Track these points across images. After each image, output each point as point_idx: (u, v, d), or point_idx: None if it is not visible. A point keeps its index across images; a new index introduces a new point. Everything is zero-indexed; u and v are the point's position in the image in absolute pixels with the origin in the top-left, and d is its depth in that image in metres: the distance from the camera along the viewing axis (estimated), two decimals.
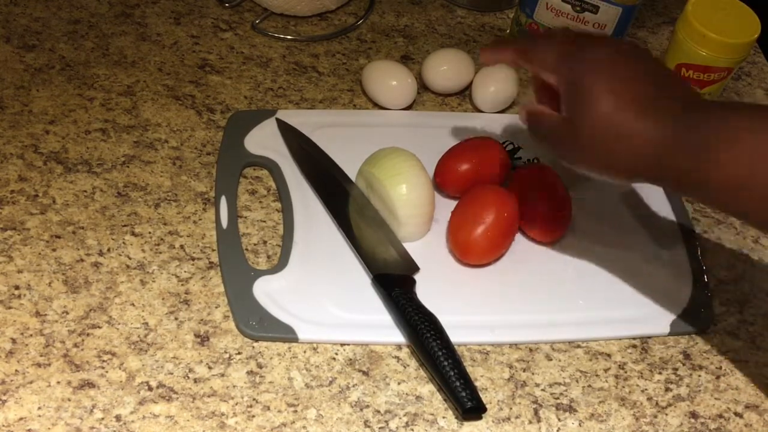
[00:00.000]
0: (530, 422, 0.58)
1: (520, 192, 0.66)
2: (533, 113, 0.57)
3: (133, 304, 0.60)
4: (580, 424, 0.58)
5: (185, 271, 0.63)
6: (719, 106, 0.50)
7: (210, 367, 0.58)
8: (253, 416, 0.56)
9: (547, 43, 0.56)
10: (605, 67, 0.52)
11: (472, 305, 0.63)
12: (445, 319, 0.60)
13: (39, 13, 0.80)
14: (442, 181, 0.69)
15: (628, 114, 0.50)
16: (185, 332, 0.59)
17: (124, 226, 0.65)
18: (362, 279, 0.63)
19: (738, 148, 0.47)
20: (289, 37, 0.82)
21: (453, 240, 0.66)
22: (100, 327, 0.59)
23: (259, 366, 0.58)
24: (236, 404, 0.56)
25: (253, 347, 0.59)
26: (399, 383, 0.59)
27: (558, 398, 0.59)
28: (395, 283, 0.62)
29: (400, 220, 0.64)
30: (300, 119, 0.74)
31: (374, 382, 0.58)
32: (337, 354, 0.60)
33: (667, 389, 0.61)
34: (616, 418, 0.59)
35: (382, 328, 0.61)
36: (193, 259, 0.63)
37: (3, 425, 0.53)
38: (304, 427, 0.55)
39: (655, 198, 0.72)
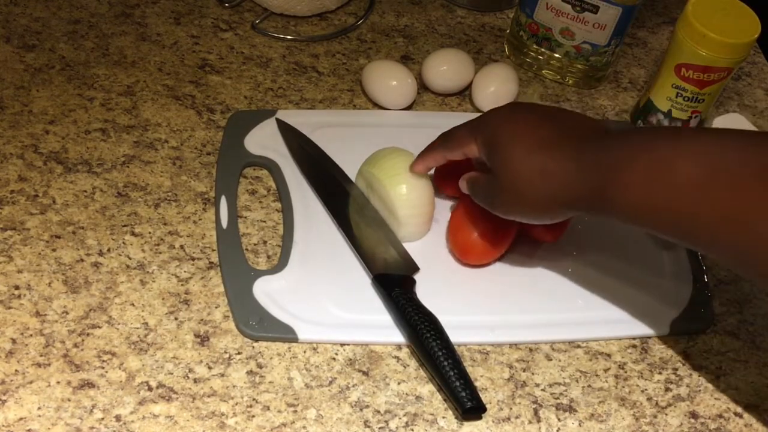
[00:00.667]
0: (530, 422, 0.58)
1: None
2: (470, 179, 0.62)
3: (133, 304, 0.60)
4: (580, 424, 0.58)
5: (185, 271, 0.63)
6: (619, 132, 0.54)
7: (210, 367, 0.58)
8: (253, 416, 0.56)
9: (456, 127, 0.62)
10: (511, 120, 0.58)
11: (472, 305, 0.63)
12: (445, 319, 0.60)
13: (39, 13, 0.80)
14: (442, 181, 0.69)
15: (536, 155, 0.54)
16: (185, 332, 0.59)
17: (124, 226, 0.65)
18: (362, 279, 0.63)
19: (635, 167, 0.50)
20: (289, 37, 0.82)
21: (453, 240, 0.66)
22: (100, 327, 0.59)
23: (259, 366, 0.58)
24: (236, 404, 0.56)
25: (253, 347, 0.59)
26: (399, 383, 0.59)
27: (558, 398, 0.59)
28: (395, 283, 0.62)
29: (400, 220, 0.64)
30: (300, 119, 0.74)
31: (374, 382, 0.58)
32: (337, 354, 0.60)
33: (667, 389, 0.61)
34: (616, 418, 0.59)
35: (382, 328, 0.61)
36: (193, 259, 0.63)
37: (3, 425, 0.53)
38: (304, 427, 0.55)
39: None
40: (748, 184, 0.47)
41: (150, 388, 0.56)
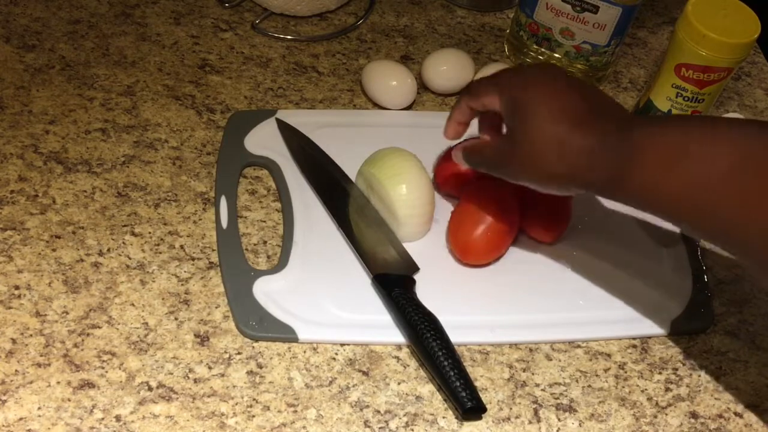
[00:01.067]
0: (530, 422, 0.58)
1: (521, 191, 0.66)
2: (470, 148, 0.61)
3: (133, 304, 0.60)
4: (580, 424, 0.58)
5: (185, 271, 0.63)
6: (643, 120, 0.54)
7: (210, 367, 0.58)
8: (253, 416, 0.56)
9: (482, 78, 0.61)
10: (541, 84, 0.56)
11: (472, 305, 0.63)
12: (445, 319, 0.60)
13: (39, 13, 0.80)
14: (442, 181, 0.69)
15: (561, 126, 0.53)
16: (185, 332, 0.59)
17: (124, 226, 0.65)
18: (362, 279, 0.63)
19: (658, 149, 0.51)
20: (289, 37, 0.82)
21: (453, 240, 0.66)
22: (100, 327, 0.59)
23: (259, 366, 0.58)
24: (236, 404, 0.56)
25: (253, 347, 0.59)
26: (399, 383, 0.59)
27: (558, 398, 0.59)
28: (395, 283, 0.62)
29: (400, 220, 0.64)
30: (300, 119, 0.74)
31: (374, 382, 0.58)
32: (337, 354, 0.60)
33: (667, 389, 0.61)
34: (616, 418, 0.59)
35: (382, 328, 0.61)
36: (193, 259, 0.63)
37: (3, 425, 0.53)
38: (304, 427, 0.55)
39: None
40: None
41: (150, 388, 0.56)
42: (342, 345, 0.60)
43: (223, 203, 0.66)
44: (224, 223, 0.65)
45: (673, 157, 0.50)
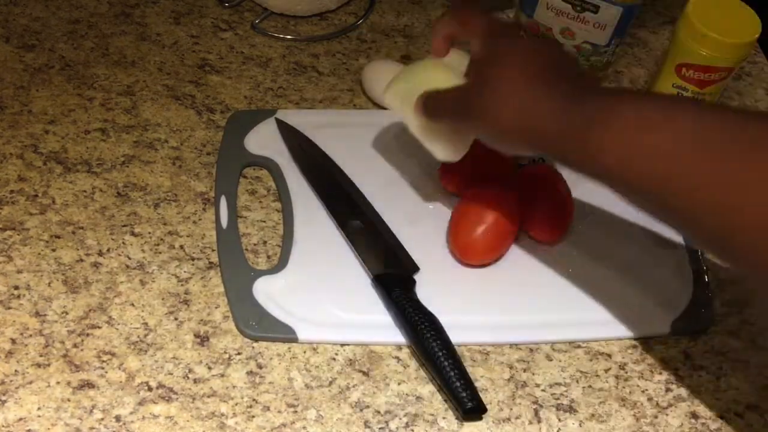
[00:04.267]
0: (530, 422, 0.58)
1: (523, 191, 0.66)
2: (432, 96, 0.60)
3: (132, 304, 0.60)
4: (580, 425, 0.58)
5: (185, 271, 0.63)
6: (608, 91, 0.56)
7: (210, 368, 0.58)
8: (253, 416, 0.56)
9: (484, 17, 0.60)
10: (521, 46, 0.57)
11: (472, 305, 0.63)
12: (445, 319, 0.60)
13: (39, 13, 0.80)
14: (447, 179, 0.69)
15: (528, 85, 0.54)
16: (185, 332, 0.59)
17: (124, 226, 0.65)
18: (362, 279, 0.63)
19: (616, 130, 0.49)
20: (289, 37, 0.82)
21: (453, 240, 0.66)
22: (99, 327, 0.59)
23: (259, 366, 0.58)
24: (236, 404, 0.56)
25: (253, 347, 0.59)
26: (399, 383, 0.59)
27: (558, 398, 0.59)
28: (395, 283, 0.62)
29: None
30: (300, 119, 0.74)
31: (374, 382, 0.58)
32: (337, 354, 0.60)
33: (668, 389, 0.61)
34: (617, 419, 0.59)
35: (382, 328, 0.61)
36: (193, 259, 0.63)
37: (3, 425, 0.53)
38: (304, 428, 0.55)
39: None
40: (735, 155, 0.46)
41: (150, 389, 0.56)
42: (342, 345, 0.60)
43: (223, 203, 0.66)
44: (224, 223, 0.65)
45: (633, 128, 0.49)
